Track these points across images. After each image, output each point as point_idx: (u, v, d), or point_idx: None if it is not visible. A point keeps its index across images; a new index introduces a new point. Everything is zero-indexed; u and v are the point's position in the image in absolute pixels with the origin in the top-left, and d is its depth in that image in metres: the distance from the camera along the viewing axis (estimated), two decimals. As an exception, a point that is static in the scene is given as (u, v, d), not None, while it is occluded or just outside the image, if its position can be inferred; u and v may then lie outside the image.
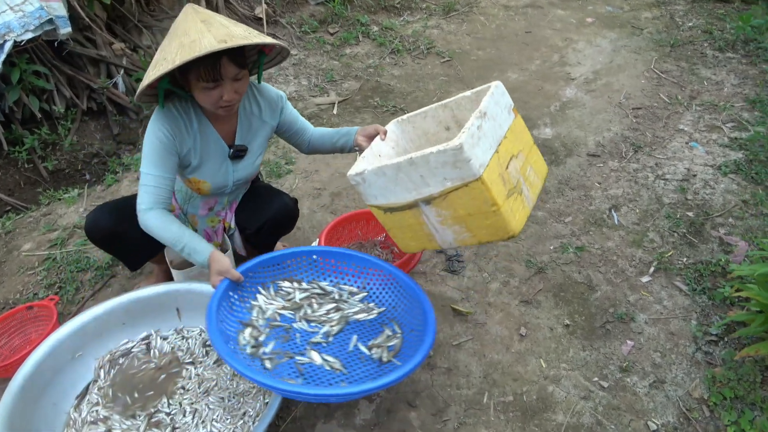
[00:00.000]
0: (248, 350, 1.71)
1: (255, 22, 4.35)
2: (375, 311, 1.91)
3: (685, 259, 2.39)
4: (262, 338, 1.76)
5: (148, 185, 1.80)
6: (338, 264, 2.01)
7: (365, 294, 1.97)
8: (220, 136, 1.92)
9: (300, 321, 1.86)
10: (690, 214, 2.64)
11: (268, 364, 1.68)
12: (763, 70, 3.89)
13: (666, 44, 4.37)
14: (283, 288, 1.96)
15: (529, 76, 4.04)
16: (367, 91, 3.87)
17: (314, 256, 2.00)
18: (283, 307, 1.89)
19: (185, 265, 2.09)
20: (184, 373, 1.93)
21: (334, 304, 1.92)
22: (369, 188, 1.75)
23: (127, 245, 2.01)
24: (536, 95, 3.78)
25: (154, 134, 1.79)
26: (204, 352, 1.99)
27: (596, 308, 2.19)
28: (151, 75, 1.64)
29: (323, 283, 1.99)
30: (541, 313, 2.17)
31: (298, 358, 1.72)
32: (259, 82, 1.96)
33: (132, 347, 2.01)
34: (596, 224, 2.62)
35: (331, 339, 1.80)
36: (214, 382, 1.88)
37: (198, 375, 1.91)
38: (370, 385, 1.47)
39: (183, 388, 1.88)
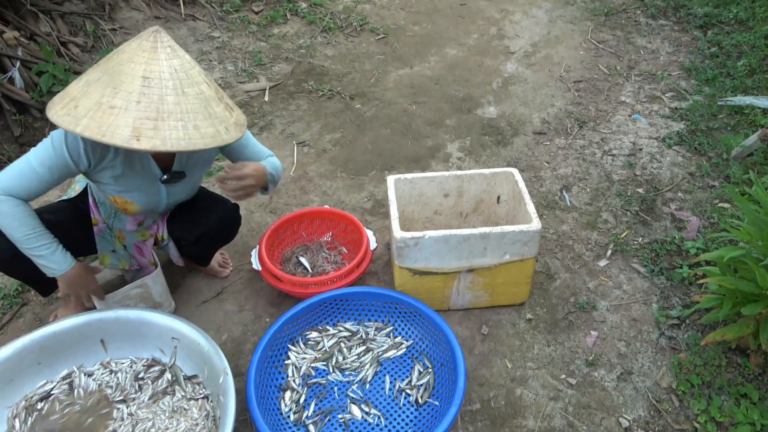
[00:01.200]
0: (292, 417, 1.72)
1: (172, 2, 3.97)
2: (404, 346, 1.91)
3: (640, 238, 2.34)
4: (302, 400, 1.76)
5: (24, 173, 1.52)
6: (359, 302, 1.98)
7: (392, 328, 1.95)
8: (151, 157, 1.68)
9: (334, 371, 1.85)
10: (640, 190, 2.60)
11: (312, 430, 1.69)
12: (695, 37, 3.91)
13: (600, 13, 4.33)
14: (311, 338, 1.93)
15: (468, 51, 3.90)
16: (300, 74, 3.62)
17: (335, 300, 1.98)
18: (315, 359, 1.87)
19: (107, 289, 1.84)
20: (114, 413, 1.71)
21: (363, 347, 1.90)
22: (417, 252, 1.82)
23: (31, 269, 1.67)
24: (477, 72, 3.64)
25: (59, 143, 1.52)
26: (137, 387, 1.77)
27: (557, 298, 2.10)
28: (57, 115, 1.38)
29: (348, 324, 1.97)
30: (502, 308, 2.07)
31: (339, 416, 1.72)
32: None
33: (51, 389, 1.76)
34: (549, 207, 2.53)
35: (367, 386, 1.81)
36: (151, 422, 1.67)
37: (131, 415, 1.70)
38: None
39: (115, 431, 1.66)
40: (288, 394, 1.78)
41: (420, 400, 1.75)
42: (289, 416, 1.72)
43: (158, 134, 1.33)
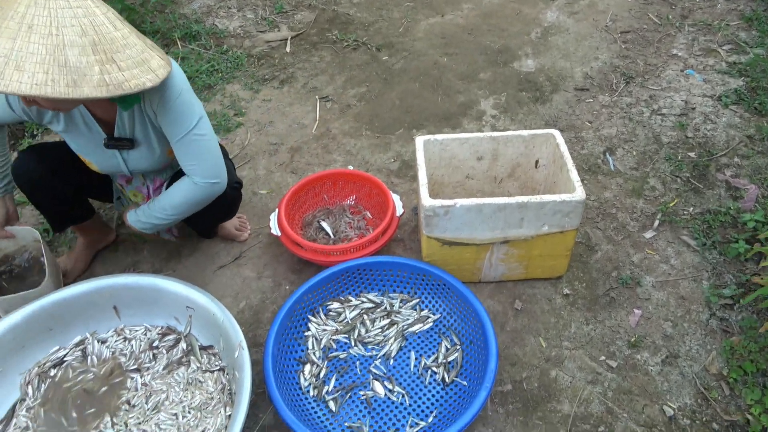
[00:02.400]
0: (311, 392, 1.63)
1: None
2: (430, 320, 1.79)
3: (691, 208, 2.15)
4: (322, 374, 1.68)
5: None
6: (383, 272, 1.85)
7: (418, 300, 1.83)
8: (94, 119, 1.55)
9: (356, 345, 1.75)
10: (692, 154, 2.38)
11: (332, 406, 1.60)
12: (757, -18, 3.55)
13: (651, -45, 3.96)
14: (333, 309, 1.83)
15: (505, -2, 3.61)
16: (324, 23, 3.41)
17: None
18: (337, 332, 1.78)
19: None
20: (128, 383, 1.64)
21: (387, 319, 1.80)
22: (447, 221, 1.68)
23: (55, 197, 1.77)
24: (514, 21, 3.37)
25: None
26: (150, 356, 1.69)
27: (597, 272, 1.94)
28: None
29: (371, 295, 1.85)
30: (537, 282, 1.92)
31: (361, 393, 1.63)
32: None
33: (64, 356, 1.70)
34: (590, 171, 2.34)
35: (391, 362, 1.71)
36: (165, 394, 1.60)
37: (145, 386, 1.63)
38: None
39: (128, 402, 1.60)
40: (307, 367, 1.68)
41: (447, 379, 1.64)
42: (308, 391, 1.64)
43: (31, 88, 1.16)
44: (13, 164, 1.71)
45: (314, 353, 1.72)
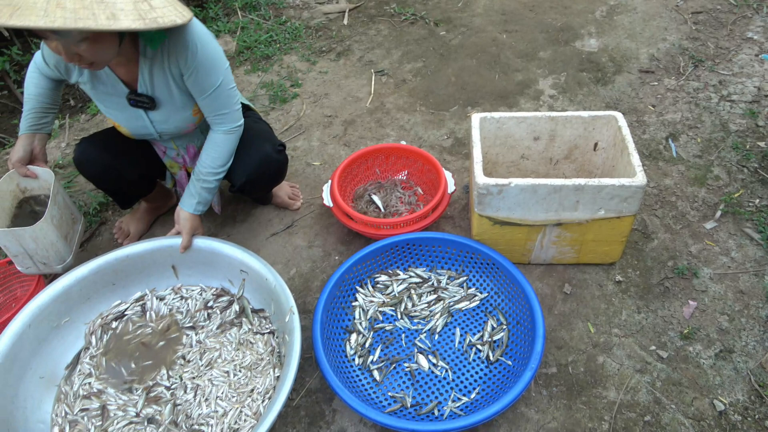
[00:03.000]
0: (356, 360, 1.67)
1: None
2: (477, 298, 1.79)
3: (757, 200, 2.05)
4: (367, 344, 1.71)
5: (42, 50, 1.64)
6: (433, 248, 1.86)
7: (465, 278, 1.84)
8: (117, 77, 1.58)
9: (402, 318, 1.77)
10: (762, 144, 2.27)
11: (376, 375, 1.64)
12: None
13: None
14: (380, 282, 1.85)
15: (570, -26, 3.48)
16: (382, -5, 3.38)
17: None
18: (384, 304, 1.80)
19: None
20: (184, 339, 1.72)
21: (434, 295, 1.81)
22: (500, 200, 1.67)
23: (120, 182, 1.83)
24: (578, -2, 3.26)
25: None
26: (206, 316, 1.77)
27: (653, 261, 1.89)
28: None
29: (419, 270, 1.87)
30: (588, 267, 1.89)
31: (405, 365, 1.66)
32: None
33: (125, 309, 1.80)
34: (651, 157, 2.26)
35: (436, 337, 1.72)
36: (218, 352, 1.67)
37: (200, 343, 1.71)
38: (494, 409, 1.40)
39: (183, 357, 1.68)
40: (354, 336, 1.72)
41: (491, 358, 1.64)
42: (353, 359, 1.67)
43: (25, 8, 1.18)
44: (75, 154, 1.75)
45: (361, 323, 1.75)
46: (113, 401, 1.59)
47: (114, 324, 1.77)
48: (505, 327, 1.70)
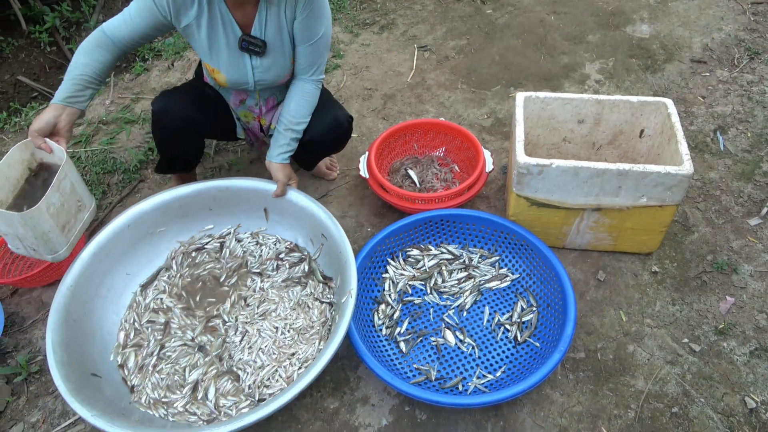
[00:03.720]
0: (384, 331, 1.68)
1: None
2: (508, 279, 1.78)
3: (806, 199, 1.98)
4: (395, 316, 1.71)
5: (122, 17, 1.57)
6: (466, 226, 1.84)
7: (498, 258, 1.81)
8: (233, 18, 1.58)
9: (431, 293, 1.77)
10: (816, 142, 2.18)
11: (403, 347, 1.64)
12: None
13: None
14: (412, 256, 1.84)
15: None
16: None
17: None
18: (414, 278, 1.80)
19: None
20: (249, 282, 1.80)
21: (465, 272, 1.80)
22: (540, 181, 1.64)
23: (195, 138, 1.81)
24: (632, -18, 3.16)
25: None
26: (275, 266, 1.83)
27: (691, 254, 1.85)
28: None
29: (451, 247, 1.85)
30: (624, 255, 1.86)
31: (432, 338, 1.66)
32: None
33: (206, 244, 1.89)
34: (697, 149, 2.19)
35: (464, 314, 1.71)
36: (275, 305, 1.73)
37: (262, 290, 1.77)
38: (521, 387, 1.40)
39: (244, 300, 1.76)
40: (382, 307, 1.73)
41: (519, 338, 1.64)
42: (381, 330, 1.69)
43: None
44: (157, 105, 1.69)
45: (390, 295, 1.76)
46: (176, 321, 1.70)
47: (194, 254, 1.87)
48: (535, 309, 1.69)
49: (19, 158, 1.60)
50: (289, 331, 1.65)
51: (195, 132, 1.77)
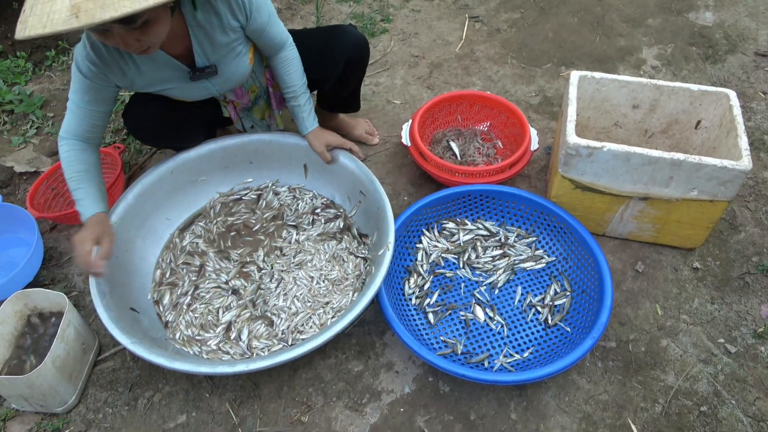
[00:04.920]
0: (413, 300, 1.68)
1: None
2: (543, 260, 1.74)
3: None
4: (426, 287, 1.70)
5: (73, 112, 1.49)
6: (506, 203, 1.81)
7: (535, 239, 1.78)
8: (169, 56, 1.47)
9: (464, 267, 1.75)
10: None
11: (431, 318, 1.64)
12: None
13: None
14: (447, 228, 1.82)
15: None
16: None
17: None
18: (447, 250, 1.78)
19: None
20: (284, 234, 1.82)
21: (500, 250, 1.77)
22: (589, 164, 1.59)
23: (183, 137, 1.79)
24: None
25: (77, 64, 1.41)
26: (310, 220, 1.85)
27: (736, 253, 1.79)
28: (17, 30, 1.15)
29: (488, 224, 1.82)
30: (665, 248, 1.81)
31: (461, 312, 1.65)
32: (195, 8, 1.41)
33: (243, 196, 1.91)
34: (753, 147, 2.10)
35: (496, 291, 1.70)
36: (311, 257, 1.75)
37: (298, 242, 1.79)
38: (549, 370, 1.37)
39: (280, 250, 1.78)
40: (413, 277, 1.72)
41: (550, 321, 1.61)
42: (410, 299, 1.68)
43: (97, 3, 1.08)
44: (130, 123, 1.65)
45: (422, 266, 1.75)
46: (211, 264, 1.74)
47: (231, 204, 1.90)
48: (568, 293, 1.66)
49: (11, 311, 1.54)
50: (324, 281, 1.67)
51: (178, 136, 1.74)
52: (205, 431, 1.46)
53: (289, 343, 1.55)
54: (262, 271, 1.72)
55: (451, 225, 1.83)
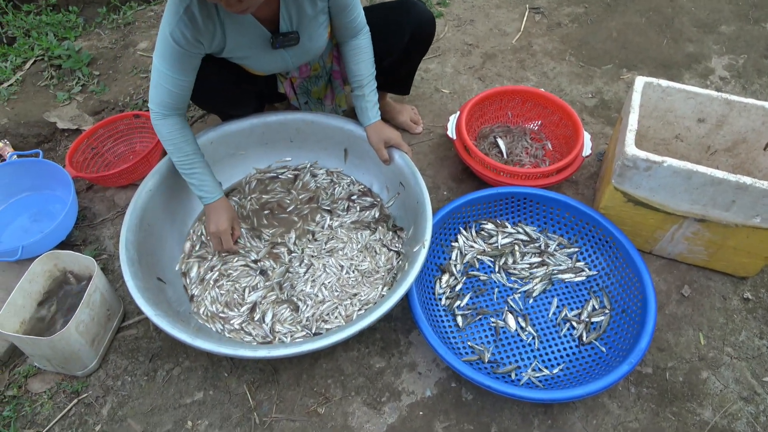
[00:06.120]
0: (443, 301, 1.62)
1: None
2: (584, 273, 1.66)
3: None
4: (458, 288, 1.64)
5: (162, 85, 1.45)
6: (549, 209, 1.73)
7: (576, 250, 1.70)
8: (256, 20, 1.45)
9: (499, 272, 1.68)
10: None
11: (460, 321, 1.58)
12: None
13: None
14: (486, 229, 1.75)
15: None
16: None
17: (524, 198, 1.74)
18: (483, 252, 1.71)
19: None
20: (318, 218, 1.78)
21: (539, 258, 1.69)
22: (645, 178, 1.50)
23: (240, 108, 1.78)
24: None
25: (166, 30, 1.36)
26: (345, 206, 1.80)
27: (793, 288, 1.68)
28: None
29: (529, 228, 1.75)
30: (716, 274, 1.70)
31: (492, 319, 1.58)
32: None
33: (281, 174, 1.88)
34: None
35: (530, 301, 1.63)
36: (343, 245, 1.70)
37: (331, 228, 1.75)
38: (579, 392, 1.31)
39: (312, 234, 1.74)
40: (446, 277, 1.66)
41: (584, 338, 1.54)
42: (440, 299, 1.62)
43: None
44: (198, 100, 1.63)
45: (455, 265, 1.68)
46: (242, 240, 1.71)
47: (266, 182, 1.88)
48: (607, 311, 1.57)
49: (41, 270, 1.55)
50: (354, 272, 1.63)
51: (237, 105, 1.74)
52: (221, 411, 1.45)
53: (313, 332, 1.51)
54: (292, 254, 1.68)
55: (490, 226, 1.75)
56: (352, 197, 1.81)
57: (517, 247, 1.71)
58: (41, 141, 2.07)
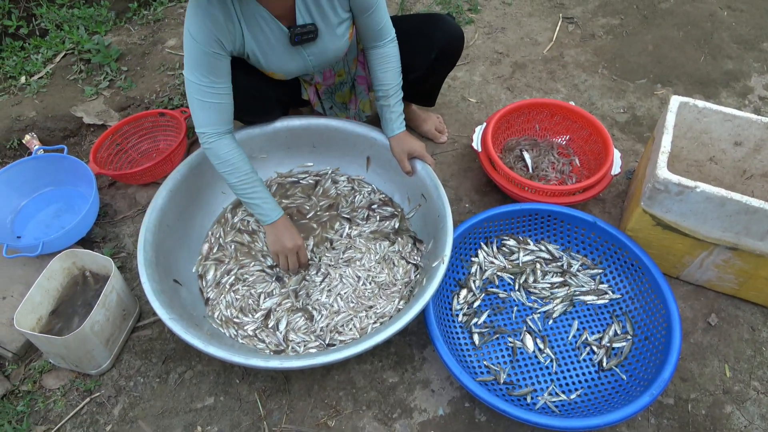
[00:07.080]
0: (460, 318, 1.59)
1: None
2: (607, 296, 1.62)
3: None
4: (476, 304, 1.61)
5: (203, 100, 1.41)
6: (575, 228, 1.68)
7: (600, 271, 1.66)
8: (272, 15, 1.41)
9: (519, 290, 1.65)
10: None
11: (476, 339, 1.55)
12: None
13: None
14: (507, 246, 1.72)
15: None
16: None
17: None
18: (504, 269, 1.68)
19: None
20: (337, 226, 1.76)
21: (561, 278, 1.65)
22: (676, 202, 1.45)
23: (265, 114, 1.77)
24: (831, -11, 2.70)
25: (191, 36, 1.34)
26: (365, 215, 1.78)
27: (827, 322, 1.61)
28: None
29: (552, 247, 1.71)
30: (745, 304, 1.64)
31: (509, 339, 1.55)
32: None
33: (302, 179, 1.87)
34: None
35: (550, 322, 1.59)
36: (361, 255, 1.68)
37: (350, 237, 1.73)
38: (596, 422, 1.27)
39: (330, 242, 1.72)
40: (464, 292, 1.63)
41: (604, 364, 1.49)
42: (458, 315, 1.59)
43: None
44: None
45: (474, 281, 1.65)
46: (260, 244, 1.71)
47: (287, 186, 1.86)
48: (629, 337, 1.53)
49: (59, 268, 1.56)
50: (371, 284, 1.61)
51: (259, 112, 1.73)
52: (231, 418, 1.44)
53: (326, 342, 1.50)
54: (310, 263, 1.66)
55: (511, 242, 1.72)
56: (373, 206, 1.79)
57: (538, 266, 1.67)
58: (67, 135, 2.09)
